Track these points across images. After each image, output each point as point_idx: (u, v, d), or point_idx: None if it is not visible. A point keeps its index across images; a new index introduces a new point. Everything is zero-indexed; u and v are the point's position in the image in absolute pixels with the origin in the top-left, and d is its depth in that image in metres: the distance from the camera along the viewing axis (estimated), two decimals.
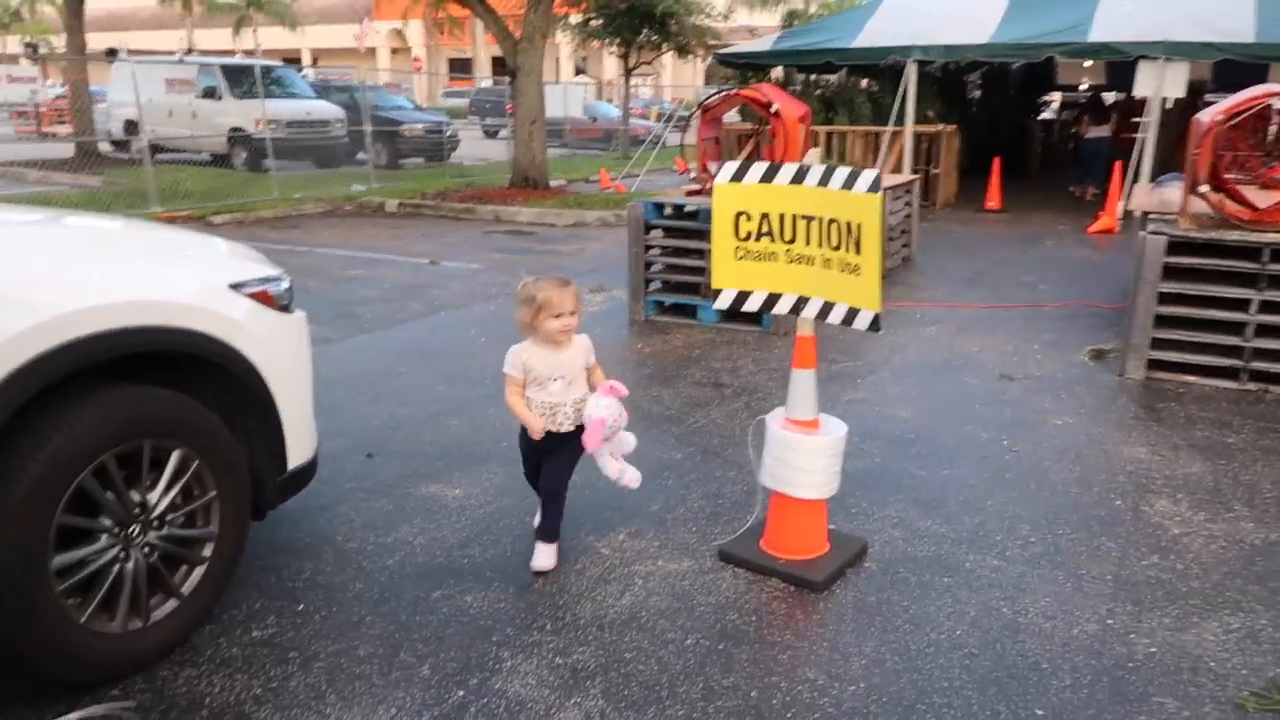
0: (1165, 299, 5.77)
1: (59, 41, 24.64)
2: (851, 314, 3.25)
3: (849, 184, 3.15)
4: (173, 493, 2.93)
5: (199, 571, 3.05)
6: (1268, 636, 3.13)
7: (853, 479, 4.30)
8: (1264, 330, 5.62)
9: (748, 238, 3.41)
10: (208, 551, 3.07)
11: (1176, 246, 5.71)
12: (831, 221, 3.20)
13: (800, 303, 3.39)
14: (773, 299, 3.45)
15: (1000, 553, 3.68)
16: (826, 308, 3.33)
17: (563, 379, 3.42)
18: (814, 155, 3.28)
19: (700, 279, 7.24)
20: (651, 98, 38.22)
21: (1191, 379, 5.77)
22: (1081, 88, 24.13)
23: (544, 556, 3.53)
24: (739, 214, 3.40)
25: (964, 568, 3.56)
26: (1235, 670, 2.95)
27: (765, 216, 3.35)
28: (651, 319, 7.42)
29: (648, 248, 7.42)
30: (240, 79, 18.49)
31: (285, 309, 3.40)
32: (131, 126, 17.14)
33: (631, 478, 3.54)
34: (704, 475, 4.41)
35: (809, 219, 3.26)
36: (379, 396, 5.49)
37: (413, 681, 2.87)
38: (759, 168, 3.38)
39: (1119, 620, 3.22)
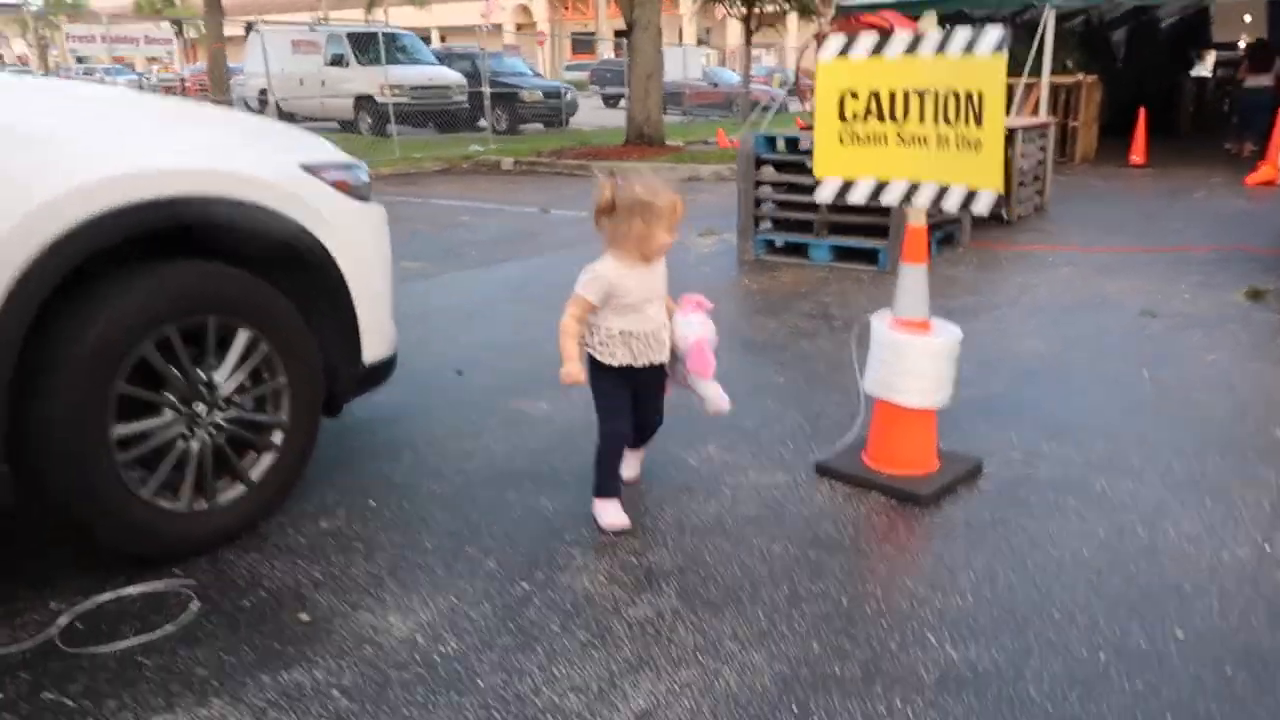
0: None
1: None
2: (970, 197, 2.90)
3: (970, 46, 2.80)
4: (240, 374, 2.85)
5: (268, 459, 2.97)
6: None
7: (969, 405, 3.93)
8: None
9: (854, 119, 3.09)
10: (278, 439, 2.98)
11: None
12: (950, 94, 2.86)
13: (912, 189, 3.05)
14: (880, 187, 3.12)
15: (1137, 477, 3.26)
16: (941, 192, 2.98)
17: (657, 300, 2.90)
18: (929, 22, 2.93)
19: (813, 216, 6.88)
20: (775, 65, 37.43)
21: None
22: (1240, 45, 22.23)
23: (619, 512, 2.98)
24: (845, 93, 3.09)
25: (1094, 490, 3.17)
26: None
27: (875, 95, 3.03)
28: (761, 259, 7.12)
29: (758, 184, 7.10)
30: (366, 46, 18.93)
31: (363, 199, 3.29)
32: (264, 95, 17.79)
33: (726, 401, 3.08)
34: (806, 397, 4.11)
35: (923, 93, 2.92)
36: (475, 324, 5.40)
37: (475, 574, 2.71)
38: (868, 39, 3.06)
39: (1278, 547, 2.79)
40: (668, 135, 15.49)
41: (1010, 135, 8.20)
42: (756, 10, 22.31)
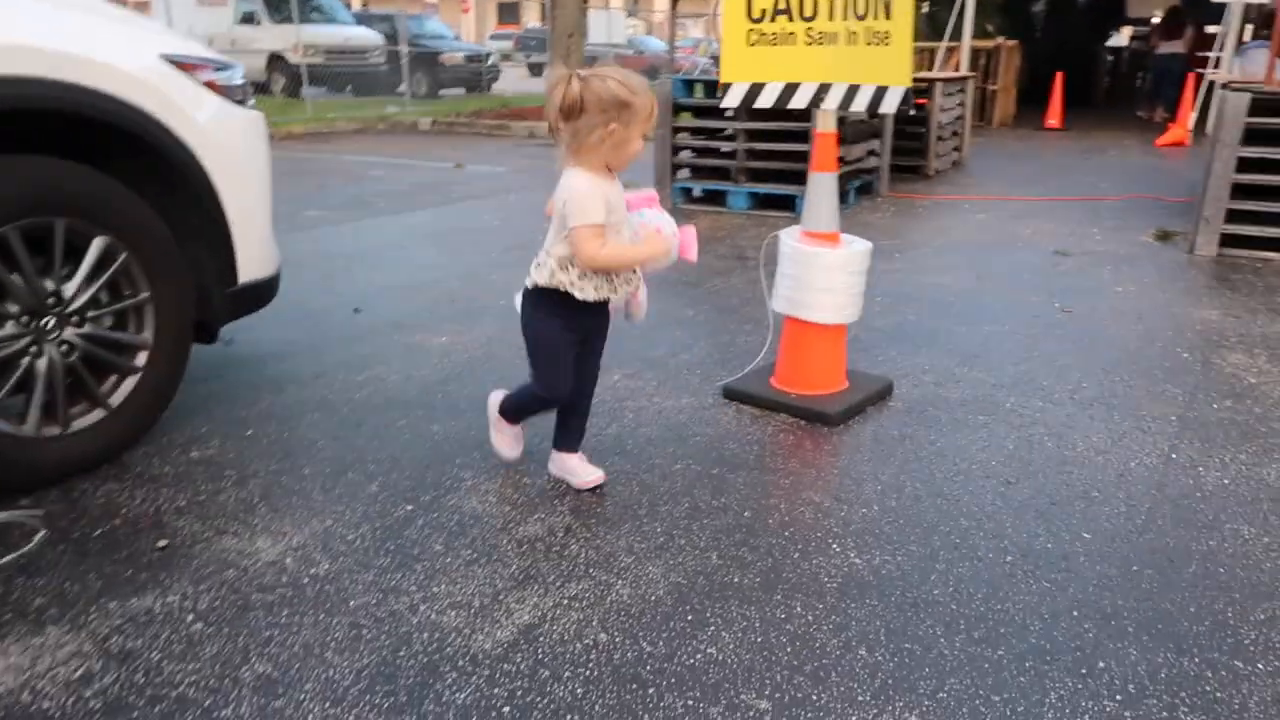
0: (1245, 165, 5.15)
1: None
2: (879, 95, 2.78)
3: None
4: (94, 286, 2.60)
5: (130, 382, 2.72)
6: None
7: (882, 333, 3.87)
8: None
9: (761, 18, 2.94)
10: (141, 361, 2.74)
11: (1261, 106, 5.09)
12: None
13: (821, 91, 2.92)
14: (789, 91, 2.99)
15: (1047, 396, 3.21)
16: (851, 93, 2.86)
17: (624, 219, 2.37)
18: None
19: (732, 163, 6.76)
20: (702, 35, 37.24)
21: (1271, 255, 5.18)
22: (1154, 21, 22.78)
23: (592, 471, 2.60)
24: None
25: (1004, 408, 3.11)
26: None
27: None
28: (679, 207, 6.96)
29: (675, 130, 6.94)
30: (279, 4, 18.17)
31: (238, 103, 3.03)
32: None
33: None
34: (716, 328, 3.99)
35: None
36: (379, 266, 5.14)
37: (356, 497, 2.51)
38: None
39: (1184, 455, 2.75)
40: None
41: (929, 87, 8.19)
42: None
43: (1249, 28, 12.35)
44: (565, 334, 2.41)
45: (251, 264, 3.03)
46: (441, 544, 2.29)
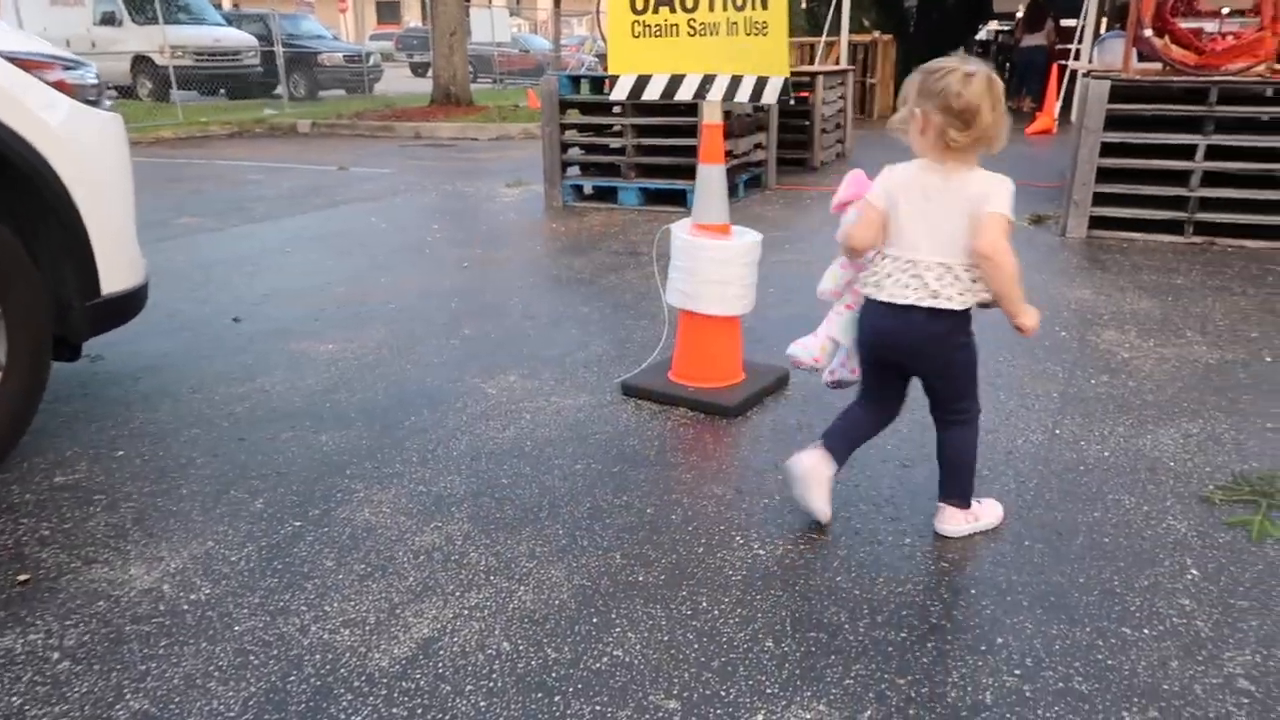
0: (1108, 150, 5.40)
1: None
2: (761, 85, 2.79)
3: None
4: None
5: None
6: (1230, 439, 2.78)
7: (776, 324, 3.90)
8: (1210, 179, 5.29)
9: (645, 9, 2.91)
10: None
11: (1120, 92, 5.34)
12: None
13: (706, 82, 2.91)
14: (675, 82, 2.97)
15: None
16: (734, 84, 2.86)
17: None
18: None
19: (622, 159, 6.73)
20: (587, 33, 37.20)
21: (1135, 235, 5.45)
22: (1018, 15, 23.82)
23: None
24: None
25: None
26: (1198, 469, 2.59)
27: None
28: (570, 205, 6.91)
29: (564, 128, 6.87)
30: (142, 4, 17.30)
31: (91, 103, 2.84)
32: None
33: None
34: (612, 324, 3.95)
35: None
36: (259, 274, 4.93)
37: (239, 515, 2.38)
38: None
39: (1067, 430, 2.85)
40: (478, 100, 15.00)
41: (811, 80, 8.34)
42: None
43: (1105, 20, 13.02)
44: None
45: (115, 274, 2.85)
46: (333, 560, 2.18)
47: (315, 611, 1.99)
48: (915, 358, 2.18)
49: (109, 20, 17.60)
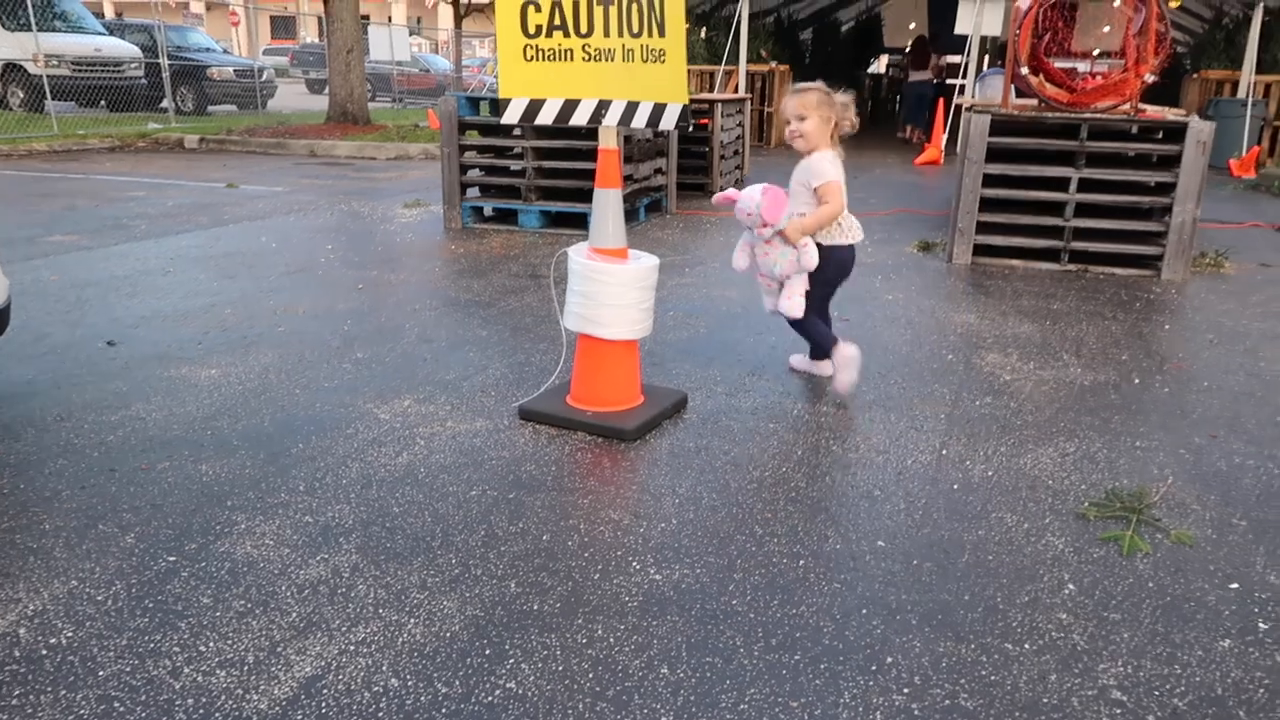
0: (990, 181, 5.64)
1: None
2: (658, 112, 2.81)
3: None
4: None
5: None
6: (1103, 457, 2.91)
7: (674, 347, 3.92)
8: (1082, 210, 5.58)
9: (538, 33, 2.90)
10: None
11: (999, 126, 5.59)
12: (631, 2, 2.74)
13: (601, 107, 2.91)
14: (570, 107, 2.96)
15: (831, 401, 3.35)
16: (630, 110, 2.87)
17: None
18: None
19: (522, 181, 6.70)
20: (489, 55, 37.10)
21: (1015, 262, 5.69)
22: (906, 50, 24.80)
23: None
24: (526, 4, 2.89)
25: (791, 415, 3.21)
26: (1074, 486, 2.70)
27: (557, 5, 2.85)
28: (470, 227, 6.83)
29: (463, 149, 6.80)
30: (14, 9, 16.44)
31: None
32: None
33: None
34: (510, 348, 3.90)
35: (606, 3, 2.78)
36: (137, 295, 4.70)
37: (107, 552, 2.25)
38: None
39: (953, 451, 2.93)
40: (377, 119, 14.75)
41: (711, 108, 8.48)
42: None
43: (986, 57, 13.65)
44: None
45: None
46: (210, 596, 2.08)
47: (189, 652, 1.88)
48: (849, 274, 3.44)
49: None
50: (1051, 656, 1.92)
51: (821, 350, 3.42)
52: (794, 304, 3.28)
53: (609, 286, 2.94)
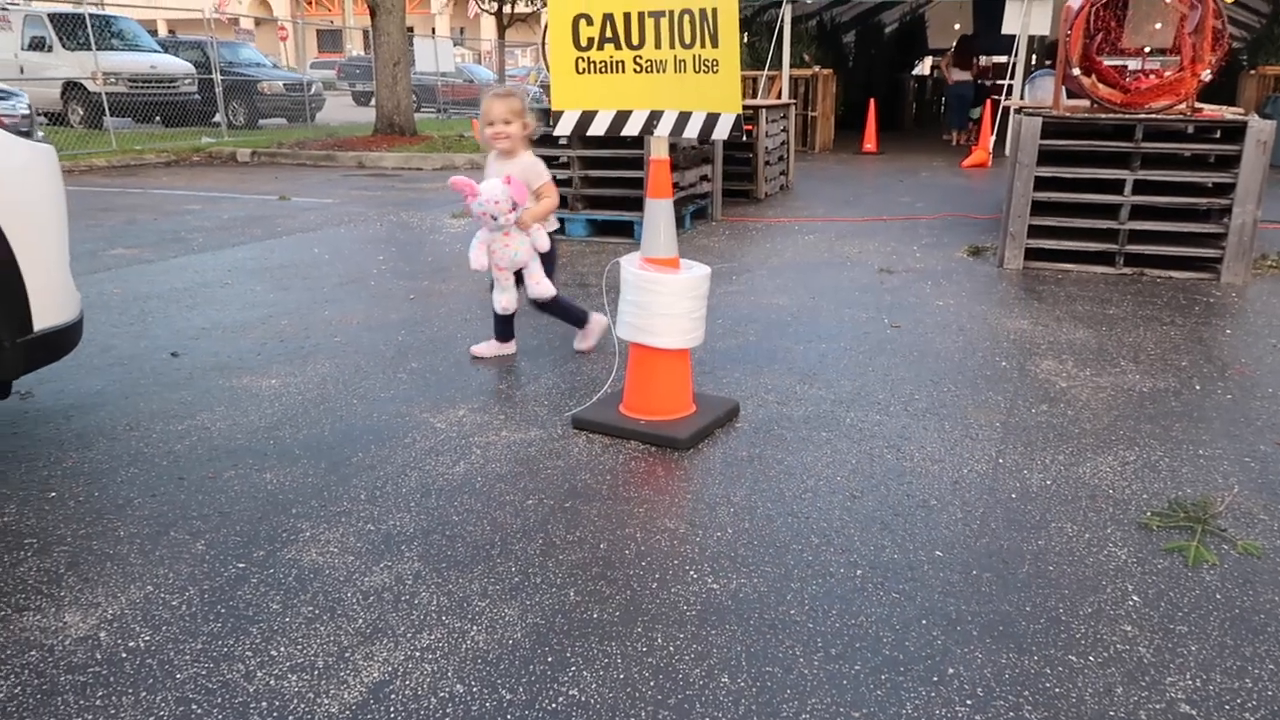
0: (1042, 184, 5.57)
1: None
2: (711, 122, 2.83)
3: None
4: None
5: None
6: (1165, 465, 2.87)
7: (725, 355, 3.93)
8: (1138, 212, 5.49)
9: (589, 46, 2.94)
10: None
11: (1051, 129, 5.52)
12: (684, 13, 2.76)
13: (653, 118, 2.94)
14: (621, 119, 2.99)
15: (884, 409, 3.33)
16: (682, 120, 2.89)
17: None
18: None
19: (569, 190, 6.75)
20: (532, 64, 37.39)
21: (1069, 266, 5.61)
22: (948, 53, 24.54)
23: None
24: (578, 17, 2.92)
25: (844, 423, 3.20)
26: (1135, 495, 2.66)
27: (609, 18, 2.89)
28: None
29: None
30: (74, 29, 16.94)
31: (24, 135, 2.77)
32: None
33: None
34: (561, 358, 3.94)
35: (658, 15, 2.81)
36: (197, 307, 4.82)
37: (180, 558, 2.31)
38: None
39: (1010, 459, 2.91)
40: (422, 130, 14.95)
41: (755, 114, 8.47)
42: (508, 9, 22.10)
43: (1035, 57, 13.47)
44: None
45: (47, 309, 2.77)
46: (279, 602, 2.13)
47: (261, 657, 1.93)
48: None
49: (38, 45, 17.21)
50: (1117, 669, 1.90)
51: (579, 320, 3.88)
52: (545, 285, 3.63)
53: (662, 296, 2.97)
